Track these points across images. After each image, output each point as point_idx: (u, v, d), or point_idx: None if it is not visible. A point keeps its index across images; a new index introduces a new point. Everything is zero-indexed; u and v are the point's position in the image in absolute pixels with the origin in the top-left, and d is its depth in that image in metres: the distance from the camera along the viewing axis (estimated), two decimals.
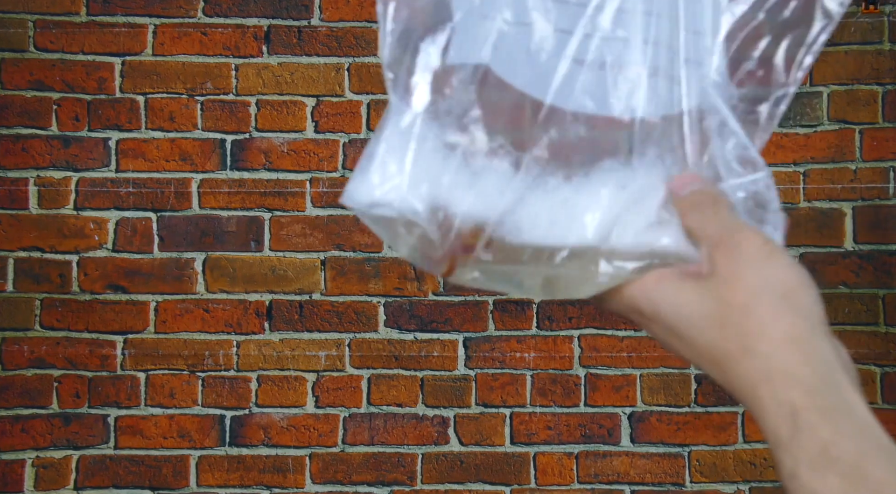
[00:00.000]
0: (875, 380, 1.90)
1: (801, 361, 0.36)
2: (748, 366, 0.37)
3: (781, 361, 0.36)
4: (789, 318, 0.37)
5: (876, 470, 0.33)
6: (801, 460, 0.34)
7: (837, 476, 0.33)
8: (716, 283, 0.40)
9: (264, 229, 1.88)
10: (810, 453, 0.34)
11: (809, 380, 0.36)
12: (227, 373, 1.86)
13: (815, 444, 0.34)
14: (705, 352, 0.40)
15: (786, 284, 0.38)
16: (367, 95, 1.91)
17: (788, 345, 0.37)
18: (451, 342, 1.88)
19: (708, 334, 0.39)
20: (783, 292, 0.38)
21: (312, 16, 1.91)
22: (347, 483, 1.86)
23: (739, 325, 0.38)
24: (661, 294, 0.41)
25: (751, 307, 0.38)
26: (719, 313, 0.39)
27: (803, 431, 0.35)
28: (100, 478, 1.83)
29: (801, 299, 0.38)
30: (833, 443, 0.34)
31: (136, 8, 1.89)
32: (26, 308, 1.84)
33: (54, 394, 1.83)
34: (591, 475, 1.88)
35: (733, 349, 0.38)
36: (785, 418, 0.35)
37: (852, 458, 0.33)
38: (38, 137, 1.86)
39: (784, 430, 0.35)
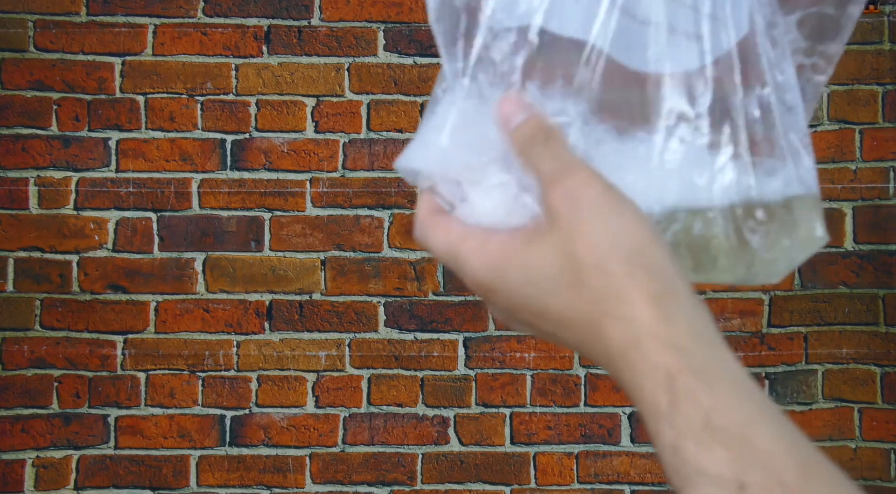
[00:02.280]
0: (875, 380, 1.90)
1: (667, 321, 0.34)
2: (612, 332, 0.35)
3: (647, 322, 0.34)
4: (646, 277, 0.34)
5: (763, 439, 0.31)
6: (685, 433, 0.32)
7: (724, 448, 0.31)
8: (560, 237, 0.36)
9: (264, 229, 1.88)
10: (693, 424, 0.32)
11: (679, 340, 0.33)
12: (227, 373, 1.86)
13: (698, 414, 0.32)
14: (564, 319, 0.36)
15: (636, 240, 0.35)
16: (367, 95, 1.91)
17: (650, 305, 0.34)
18: (451, 342, 1.88)
19: (562, 297, 0.36)
20: (634, 248, 0.35)
21: (312, 16, 1.91)
22: (347, 483, 1.86)
23: (594, 287, 0.35)
24: (506, 258, 0.37)
25: (603, 267, 0.35)
26: (570, 272, 0.36)
27: (682, 399, 0.32)
28: (100, 478, 1.83)
29: (654, 253, 0.35)
30: (716, 410, 0.32)
31: (136, 8, 1.89)
32: (26, 308, 1.84)
33: (54, 394, 1.83)
34: (591, 475, 1.88)
35: (593, 312, 0.35)
36: (661, 384, 0.33)
37: (738, 427, 0.31)
38: (38, 137, 1.86)
39: (662, 398, 0.33)
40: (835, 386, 1.90)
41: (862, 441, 1.89)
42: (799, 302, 1.91)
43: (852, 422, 1.89)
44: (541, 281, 0.36)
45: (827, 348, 1.90)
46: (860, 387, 1.90)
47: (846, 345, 1.90)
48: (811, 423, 1.89)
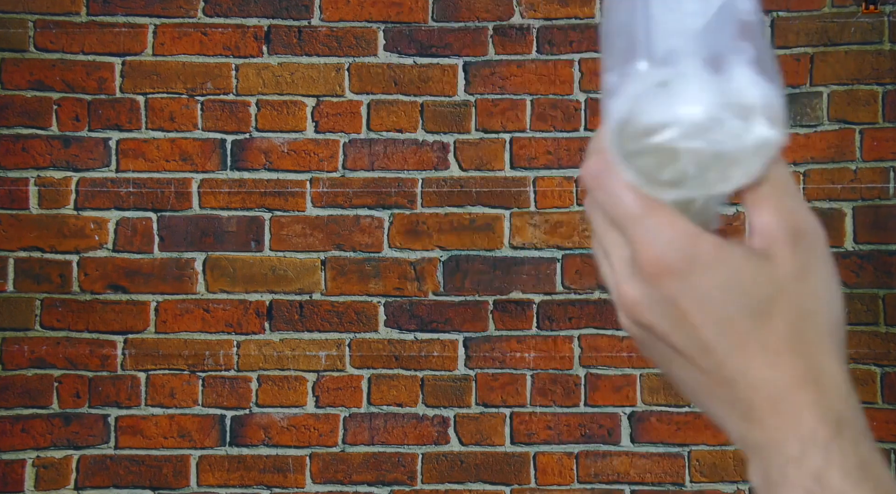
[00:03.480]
0: (875, 380, 1.90)
1: (854, 413, 0.32)
2: (809, 399, 0.32)
3: (848, 413, 0.32)
4: (841, 358, 0.33)
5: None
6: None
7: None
8: (775, 267, 0.32)
9: (264, 229, 1.88)
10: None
11: (837, 445, 0.32)
12: (227, 373, 1.86)
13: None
14: (740, 370, 0.32)
15: (838, 307, 0.33)
16: (367, 95, 1.91)
17: (851, 396, 0.32)
18: (451, 342, 1.88)
19: (745, 321, 0.32)
20: (838, 317, 0.33)
21: (312, 16, 1.91)
22: (347, 483, 1.86)
23: (801, 333, 0.32)
24: (708, 249, 0.32)
25: (818, 324, 0.32)
26: (793, 309, 0.32)
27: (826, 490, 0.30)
28: (100, 478, 1.83)
29: (842, 329, 0.33)
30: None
31: (137, 8, 1.89)
32: (26, 308, 1.84)
33: (54, 394, 1.83)
34: (591, 475, 1.88)
35: (791, 389, 0.32)
36: (811, 481, 0.31)
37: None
38: (39, 137, 1.86)
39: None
40: None
41: None
42: None
43: None
44: (744, 295, 0.31)
45: None
46: (860, 387, 1.90)
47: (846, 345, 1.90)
48: None
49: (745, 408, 0.32)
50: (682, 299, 0.32)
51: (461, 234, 1.90)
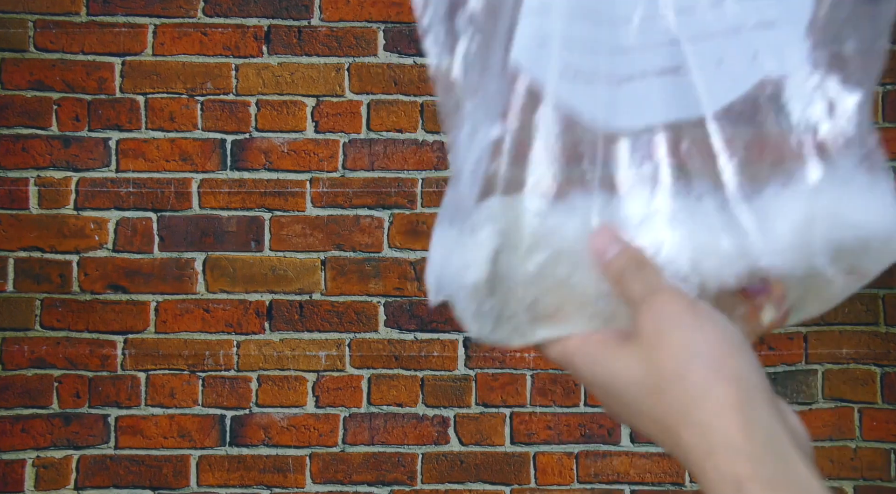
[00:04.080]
0: (875, 380, 1.90)
1: (743, 430, 0.35)
2: (689, 438, 0.36)
3: (721, 430, 0.35)
4: (724, 385, 0.36)
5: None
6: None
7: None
8: (642, 347, 0.38)
9: (264, 229, 1.88)
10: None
11: (753, 450, 0.34)
12: (227, 373, 1.86)
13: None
14: (646, 423, 0.38)
15: (718, 348, 0.37)
16: (367, 95, 1.91)
17: (726, 413, 0.35)
18: (451, 342, 1.88)
19: (646, 402, 0.38)
20: (714, 358, 0.36)
21: (312, 16, 1.91)
22: (347, 483, 1.86)
23: (673, 393, 0.37)
24: (595, 359, 0.40)
25: (682, 374, 0.36)
26: (652, 379, 0.37)
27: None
28: (100, 478, 1.83)
29: (734, 364, 0.36)
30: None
31: (136, 8, 1.89)
32: (26, 308, 1.84)
33: (54, 394, 1.83)
34: (591, 475, 1.88)
35: (671, 418, 0.37)
36: (731, 492, 0.34)
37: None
38: (38, 137, 1.86)
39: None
40: (835, 386, 1.90)
41: (862, 440, 1.89)
42: None
43: (852, 422, 1.89)
44: (624, 386, 0.39)
45: (827, 348, 1.90)
46: (860, 387, 1.90)
47: (846, 345, 1.90)
48: (811, 423, 1.89)
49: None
50: (597, 395, 0.42)
51: None
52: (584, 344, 0.41)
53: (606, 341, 0.40)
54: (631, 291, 0.40)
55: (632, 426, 0.41)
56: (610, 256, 0.40)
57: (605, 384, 0.40)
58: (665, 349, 0.37)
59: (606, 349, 0.40)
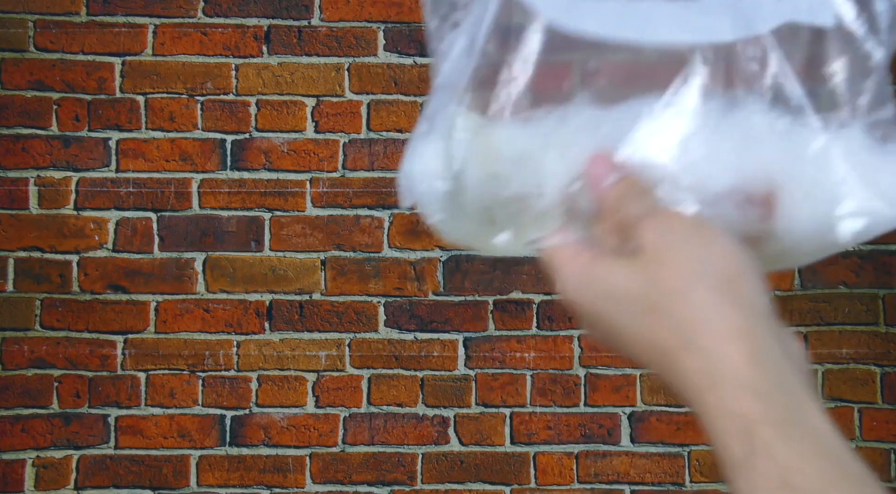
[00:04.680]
0: (875, 380, 1.90)
1: (751, 361, 0.32)
2: (690, 365, 0.33)
3: (727, 360, 0.32)
4: (731, 309, 0.33)
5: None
6: (758, 487, 0.30)
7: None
8: (644, 260, 0.35)
9: (264, 229, 1.88)
10: (768, 480, 0.30)
11: (761, 385, 0.31)
12: (227, 373, 1.86)
13: (774, 470, 0.30)
14: (641, 343, 0.35)
15: (725, 269, 0.34)
16: (367, 95, 1.91)
17: (733, 341, 0.32)
18: (451, 342, 1.88)
19: (641, 320, 0.35)
20: (723, 278, 0.33)
21: (312, 16, 1.91)
22: (347, 483, 1.86)
23: (675, 312, 0.33)
24: (587, 273, 0.37)
25: (686, 293, 0.33)
26: (650, 295, 0.34)
27: (759, 452, 0.31)
28: (100, 478, 1.83)
29: (743, 287, 0.34)
30: (793, 469, 0.30)
31: (136, 8, 1.89)
32: (26, 308, 1.84)
33: (54, 394, 1.83)
34: (591, 475, 1.88)
35: (671, 340, 0.33)
36: (738, 433, 0.31)
37: (816, 488, 0.30)
38: (38, 137, 1.86)
39: (737, 448, 0.31)
40: (835, 386, 1.90)
41: (862, 440, 1.89)
42: (799, 302, 1.91)
43: (852, 422, 1.89)
44: (621, 300, 0.35)
45: (827, 348, 1.90)
46: (860, 387, 1.90)
47: (846, 345, 1.90)
48: None
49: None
50: (587, 316, 0.38)
51: None
52: (573, 255, 0.38)
53: (601, 256, 0.37)
54: (632, 213, 0.37)
55: (623, 350, 0.37)
56: (608, 182, 0.38)
57: (598, 300, 0.36)
58: (669, 264, 0.34)
59: (601, 263, 0.37)
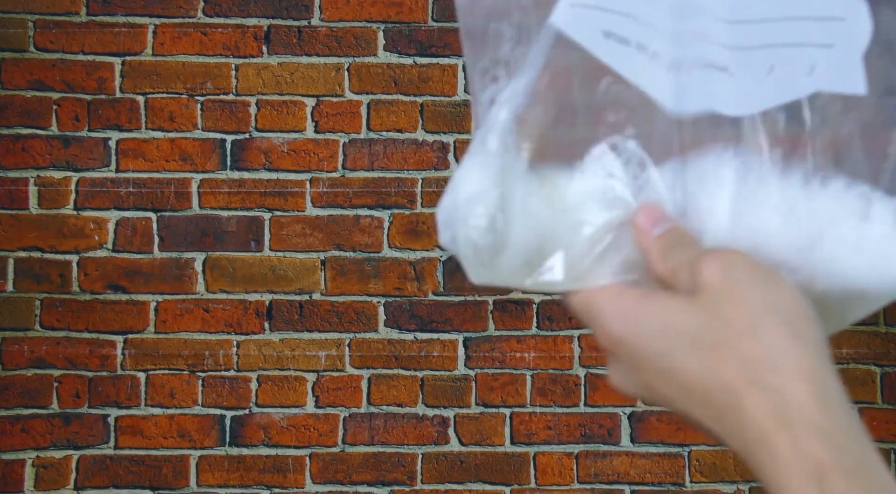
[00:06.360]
0: (875, 380, 1.90)
1: (821, 404, 0.30)
2: (756, 403, 0.31)
3: (798, 401, 0.30)
4: (801, 348, 0.32)
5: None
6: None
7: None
8: (705, 297, 0.33)
9: (264, 229, 1.88)
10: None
11: (831, 430, 0.30)
12: (227, 373, 1.86)
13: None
14: (696, 384, 0.33)
15: (793, 310, 0.33)
16: (367, 95, 1.91)
17: (804, 382, 0.31)
18: (451, 342, 1.88)
19: (699, 358, 0.33)
20: (791, 318, 0.33)
21: (312, 16, 1.91)
22: (347, 483, 1.86)
23: (741, 349, 0.32)
24: (634, 310, 0.35)
25: (755, 330, 0.32)
26: (714, 332, 0.33)
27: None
28: (100, 478, 1.83)
29: (809, 328, 0.33)
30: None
31: (136, 8, 1.89)
32: (26, 308, 1.84)
33: (54, 394, 1.83)
34: (591, 475, 1.88)
35: (734, 379, 0.32)
36: (809, 478, 0.29)
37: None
38: (38, 137, 1.86)
39: (808, 493, 0.29)
40: None
41: None
42: None
43: None
44: (678, 336, 0.33)
45: None
46: (860, 387, 1.90)
47: (846, 345, 1.90)
48: None
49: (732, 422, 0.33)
50: (632, 359, 0.35)
51: None
52: (618, 294, 0.36)
53: (652, 293, 0.36)
54: (682, 260, 0.36)
55: (670, 396, 0.35)
56: (658, 232, 0.37)
57: (651, 338, 0.34)
58: (736, 300, 0.33)
59: (653, 299, 0.35)
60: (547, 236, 0.40)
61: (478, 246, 0.40)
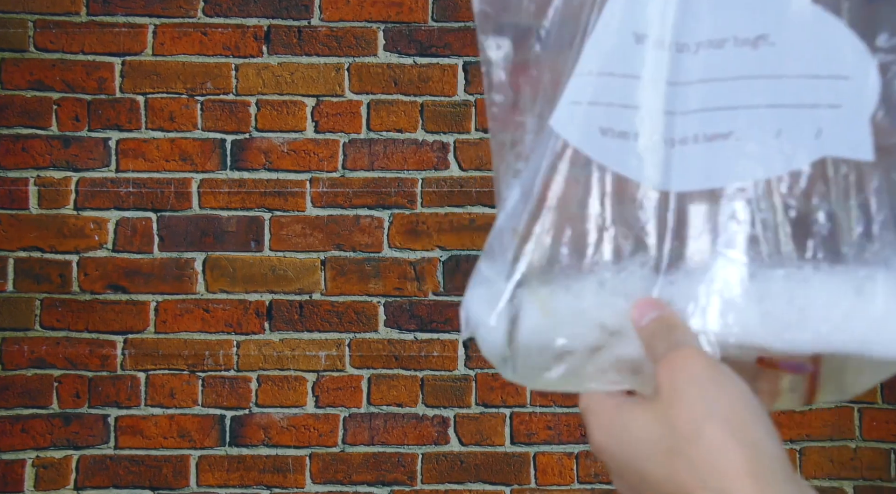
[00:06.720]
0: None
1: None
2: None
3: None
4: (743, 451, 0.34)
5: None
6: None
7: None
8: (660, 405, 0.37)
9: (264, 229, 1.88)
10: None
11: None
12: (227, 373, 1.86)
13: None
14: (661, 486, 0.36)
15: (734, 413, 0.35)
16: (367, 95, 1.91)
17: (743, 482, 0.33)
18: (451, 342, 1.88)
19: (660, 464, 0.36)
20: (731, 421, 0.35)
21: (312, 16, 1.91)
22: (347, 483, 1.86)
23: (690, 455, 0.35)
24: (610, 419, 0.39)
25: (699, 436, 0.35)
26: (667, 439, 0.36)
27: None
28: (100, 478, 1.83)
29: (752, 431, 0.35)
30: None
31: (136, 8, 1.89)
32: (26, 308, 1.84)
33: (54, 394, 1.83)
34: (591, 475, 1.88)
35: (688, 481, 0.35)
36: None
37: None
38: (38, 137, 1.86)
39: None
40: None
41: (862, 440, 1.89)
42: None
43: (852, 422, 1.89)
44: (640, 446, 0.37)
45: None
46: None
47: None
48: (811, 423, 1.89)
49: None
50: (612, 466, 0.39)
51: (461, 234, 1.90)
52: (600, 405, 0.40)
53: (624, 402, 0.39)
54: (656, 350, 0.38)
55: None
56: (646, 321, 0.39)
57: (622, 447, 0.38)
58: (681, 406, 0.36)
59: (623, 409, 0.39)
60: (556, 342, 0.41)
61: (493, 350, 0.43)
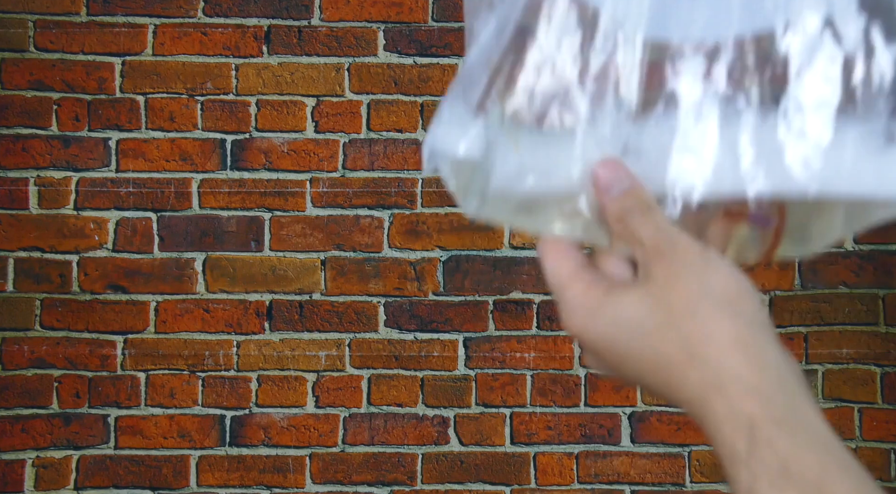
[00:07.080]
0: (875, 380, 1.90)
1: (753, 367, 0.35)
2: (697, 374, 0.36)
3: (732, 367, 0.35)
4: (734, 322, 0.36)
5: (838, 489, 0.32)
6: (760, 476, 0.33)
7: (798, 492, 0.32)
8: (653, 287, 0.38)
9: (264, 229, 1.88)
10: (770, 468, 0.33)
11: (764, 388, 0.35)
12: (227, 373, 1.86)
13: (775, 459, 0.33)
14: (648, 362, 0.38)
15: (728, 290, 0.37)
16: (367, 95, 1.91)
17: (737, 350, 0.35)
18: (451, 342, 1.88)
19: (648, 340, 0.37)
20: (725, 298, 0.37)
21: (312, 16, 1.91)
22: (347, 483, 1.86)
23: (682, 329, 0.36)
24: (598, 304, 0.39)
25: (693, 311, 0.36)
26: (659, 317, 0.37)
27: (761, 445, 0.33)
28: (100, 478, 1.83)
29: (744, 304, 0.37)
30: (794, 458, 0.33)
31: (136, 8, 1.89)
32: (26, 308, 1.84)
33: (54, 394, 1.83)
34: (591, 475, 1.88)
35: (678, 355, 0.36)
36: (742, 430, 0.34)
37: (814, 475, 0.32)
38: (38, 137, 1.86)
39: (741, 444, 0.34)
40: (835, 386, 1.90)
41: (862, 440, 1.89)
42: (799, 302, 1.91)
43: (852, 422, 1.89)
44: (627, 325, 0.38)
45: (827, 348, 1.90)
46: (860, 387, 1.90)
47: (846, 345, 1.90)
48: None
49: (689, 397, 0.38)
50: (591, 348, 0.40)
51: (461, 234, 1.90)
52: (586, 294, 0.40)
53: (611, 288, 0.40)
54: (639, 234, 0.39)
55: (625, 376, 0.40)
56: (615, 193, 0.39)
57: (604, 325, 0.39)
58: (677, 289, 0.37)
59: (611, 293, 0.39)
60: (526, 180, 0.40)
61: (459, 177, 0.42)
